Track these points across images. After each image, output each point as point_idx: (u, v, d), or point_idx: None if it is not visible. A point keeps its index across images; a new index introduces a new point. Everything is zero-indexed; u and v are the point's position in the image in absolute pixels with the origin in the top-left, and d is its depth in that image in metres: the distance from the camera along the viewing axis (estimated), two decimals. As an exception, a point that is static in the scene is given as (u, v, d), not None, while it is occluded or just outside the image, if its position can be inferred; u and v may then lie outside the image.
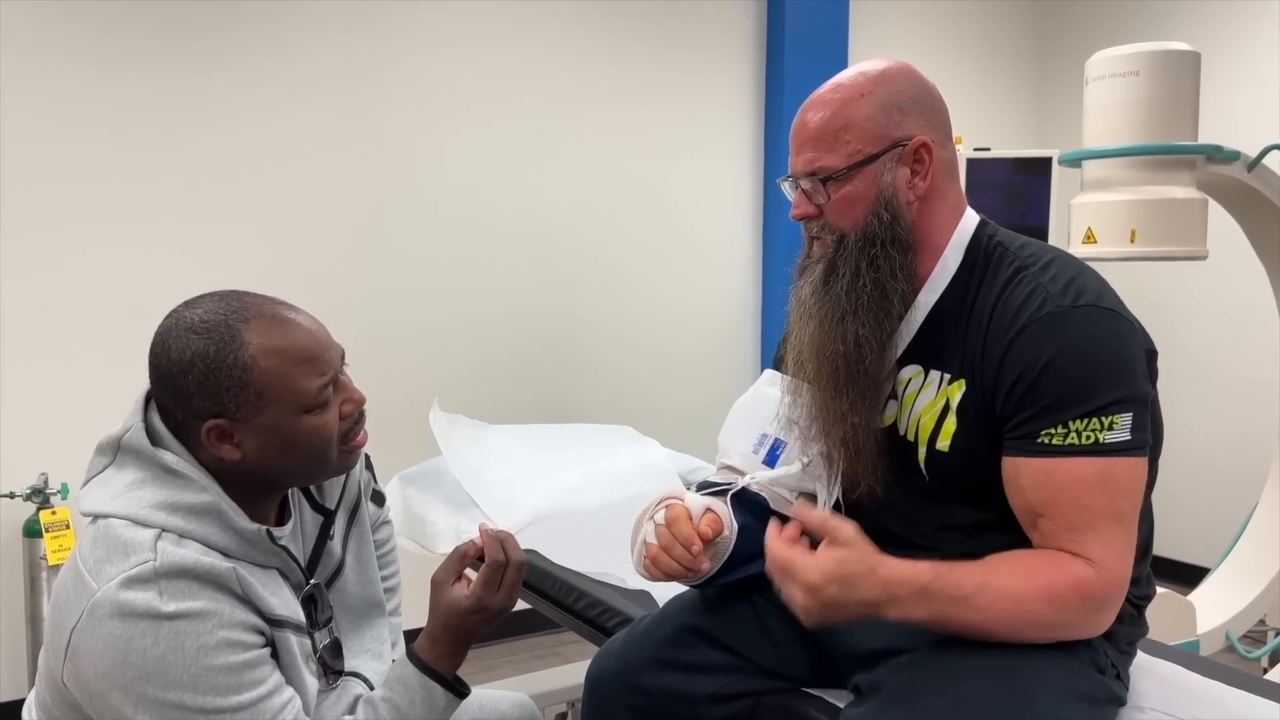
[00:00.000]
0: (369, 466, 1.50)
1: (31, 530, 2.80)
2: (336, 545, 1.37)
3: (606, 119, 3.75)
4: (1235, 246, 3.27)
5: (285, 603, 1.22)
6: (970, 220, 1.37)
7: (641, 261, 3.87)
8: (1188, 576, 3.85)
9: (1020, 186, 3.68)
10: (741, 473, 1.46)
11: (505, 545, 1.29)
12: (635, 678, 1.45)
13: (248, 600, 1.16)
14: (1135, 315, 1.28)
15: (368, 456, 1.47)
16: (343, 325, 1.47)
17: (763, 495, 1.44)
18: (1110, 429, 1.20)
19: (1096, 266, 1.34)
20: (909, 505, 1.36)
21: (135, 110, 2.99)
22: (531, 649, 3.55)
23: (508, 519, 2.11)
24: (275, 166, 3.20)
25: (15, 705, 2.86)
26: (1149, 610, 1.40)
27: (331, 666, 1.32)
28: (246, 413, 1.18)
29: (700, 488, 1.48)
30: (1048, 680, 1.19)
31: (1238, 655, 3.15)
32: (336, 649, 1.34)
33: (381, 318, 3.38)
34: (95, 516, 1.17)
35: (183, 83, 3.05)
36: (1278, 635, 3.36)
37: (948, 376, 1.31)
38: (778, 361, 1.53)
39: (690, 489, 1.50)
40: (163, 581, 1.10)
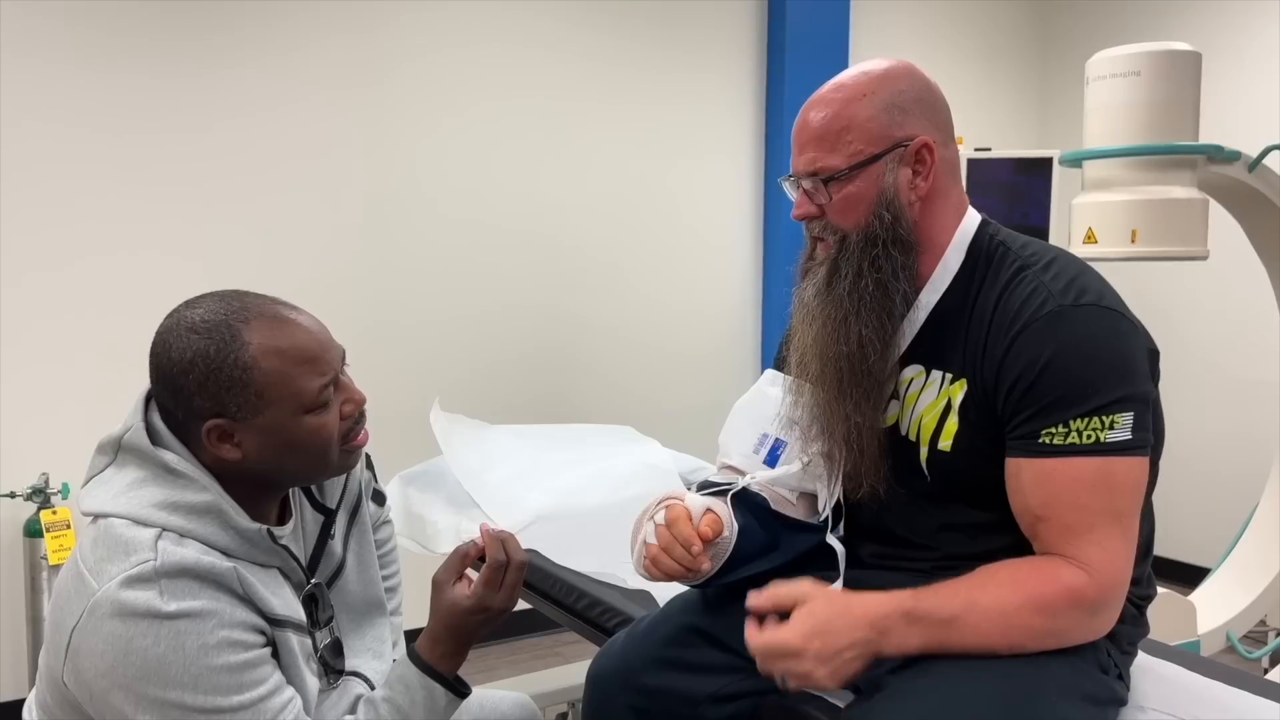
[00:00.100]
0: (370, 466, 1.49)
1: (32, 530, 2.80)
2: (337, 545, 1.37)
3: (607, 119, 3.75)
4: (1236, 247, 3.27)
5: (286, 602, 1.22)
6: (972, 220, 1.37)
7: (642, 261, 3.87)
8: (1188, 577, 3.85)
9: (1021, 187, 3.68)
10: (742, 473, 1.45)
11: (506, 545, 1.29)
12: (636, 677, 1.45)
13: (248, 600, 1.16)
14: (1136, 315, 1.28)
15: (368, 456, 1.47)
16: (343, 325, 1.47)
17: (763, 495, 1.44)
18: (1111, 428, 1.20)
19: (1097, 267, 1.34)
20: (910, 505, 1.36)
21: (136, 111, 2.99)
22: (531, 649, 3.55)
23: (508, 519, 2.11)
24: (276, 167, 3.20)
25: (16, 705, 2.86)
26: (1150, 610, 1.40)
27: (332, 666, 1.32)
28: (247, 413, 1.18)
29: (701, 488, 1.48)
30: (1051, 680, 1.19)
31: (1238, 655, 3.15)
32: (337, 648, 1.34)
33: (382, 317, 3.38)
34: (96, 516, 1.17)
35: (183, 83, 3.05)
36: (1278, 635, 3.35)
37: (949, 376, 1.31)
38: (779, 362, 1.52)
39: (691, 489, 1.50)
40: (163, 581, 1.10)
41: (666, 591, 1.62)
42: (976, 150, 3.61)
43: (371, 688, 1.34)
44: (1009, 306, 1.27)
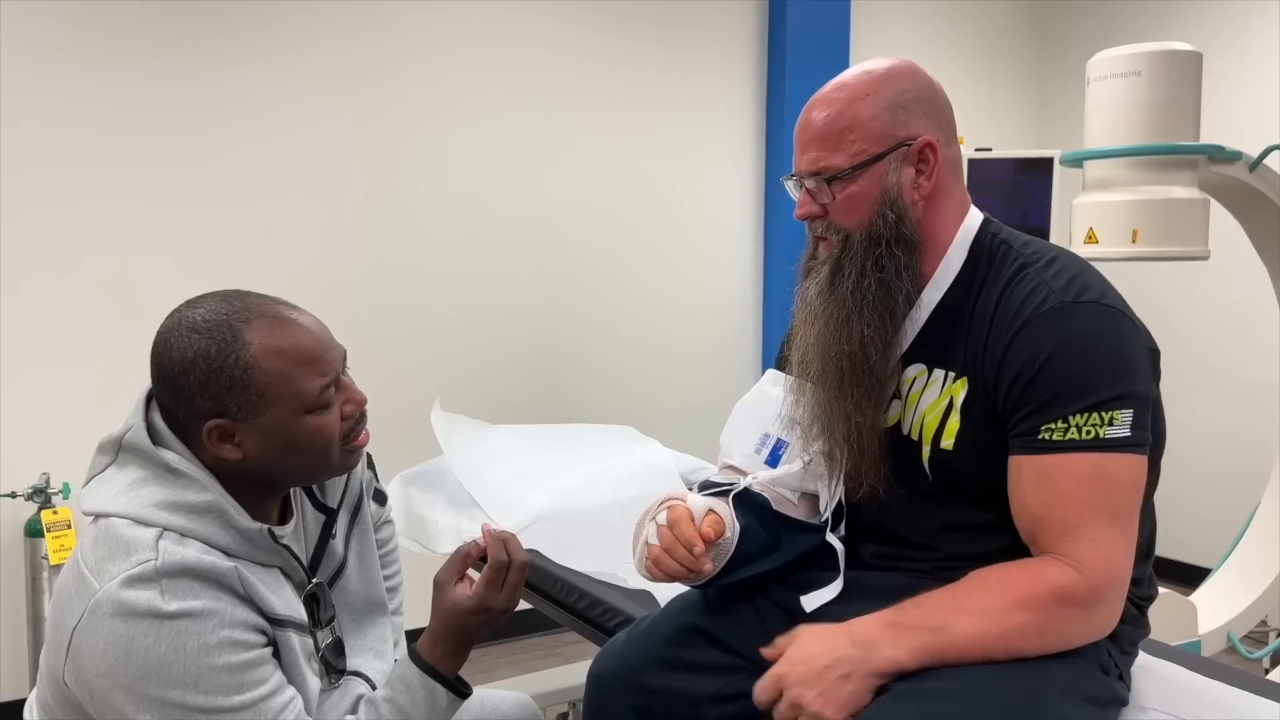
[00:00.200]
0: (371, 465, 1.49)
1: (33, 530, 2.80)
2: (339, 544, 1.37)
3: (608, 119, 3.75)
4: (1237, 247, 3.27)
5: (287, 602, 1.22)
6: (974, 219, 1.37)
7: (643, 261, 3.87)
8: (1189, 577, 3.85)
9: (1022, 187, 3.68)
10: (744, 473, 1.45)
11: (508, 545, 1.29)
12: (637, 677, 1.44)
13: (249, 599, 1.15)
14: (1138, 315, 1.28)
15: (370, 456, 1.47)
16: (344, 325, 1.47)
17: (765, 496, 1.44)
18: (1110, 424, 1.19)
19: (1098, 267, 1.34)
20: (911, 505, 1.36)
21: (136, 112, 2.99)
22: (532, 649, 3.55)
23: (509, 519, 2.11)
24: (277, 167, 3.20)
25: (17, 705, 2.86)
26: (1151, 611, 1.39)
27: (334, 665, 1.32)
28: (248, 413, 1.18)
29: (702, 488, 1.48)
30: (1052, 681, 1.19)
31: (1239, 656, 3.15)
32: (339, 648, 1.34)
33: (383, 317, 3.38)
34: (97, 516, 1.16)
35: (183, 84, 3.05)
36: (1279, 636, 3.35)
37: (952, 375, 1.31)
38: (781, 361, 1.52)
39: (692, 489, 1.50)
40: (164, 581, 1.10)
41: (667, 591, 1.62)
42: (977, 150, 3.61)
43: (373, 687, 1.34)
44: (1010, 304, 1.27)
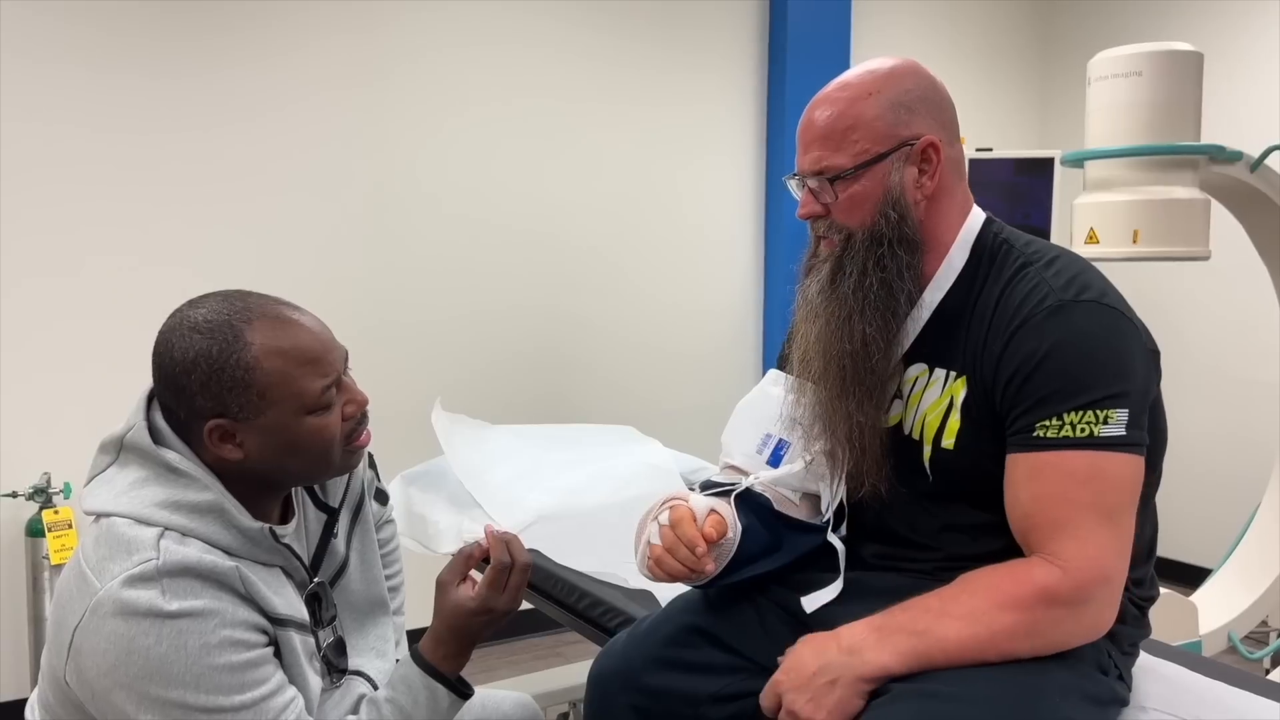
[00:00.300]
0: (372, 465, 1.49)
1: (34, 530, 2.80)
2: (340, 543, 1.37)
3: (608, 119, 3.75)
4: (1238, 247, 3.26)
5: (288, 601, 1.22)
6: (976, 218, 1.37)
7: (644, 261, 3.87)
8: (1190, 577, 3.85)
9: (1022, 187, 3.69)
10: (745, 473, 1.45)
11: (510, 547, 1.29)
12: (638, 677, 1.44)
13: (250, 599, 1.15)
14: (1138, 315, 1.28)
15: (371, 455, 1.47)
16: (345, 325, 1.47)
17: (766, 496, 1.44)
18: (1105, 423, 1.19)
19: (1099, 267, 1.34)
20: (913, 505, 1.36)
21: (136, 112, 2.99)
22: (532, 649, 3.55)
23: (510, 519, 2.11)
24: (278, 167, 3.20)
25: (18, 705, 2.86)
26: (1151, 611, 1.39)
27: (335, 665, 1.32)
28: (249, 413, 1.18)
29: (704, 487, 1.48)
30: (1052, 681, 1.19)
31: (1240, 656, 3.15)
32: (340, 647, 1.34)
33: (384, 317, 3.38)
34: (98, 515, 1.17)
35: (183, 84, 3.05)
36: (1279, 636, 3.36)
37: (953, 374, 1.31)
38: (783, 361, 1.52)
39: (693, 489, 1.50)
40: (165, 580, 1.10)
41: (668, 591, 1.62)
42: (978, 151, 3.61)
43: (374, 687, 1.34)
44: (1010, 303, 1.27)
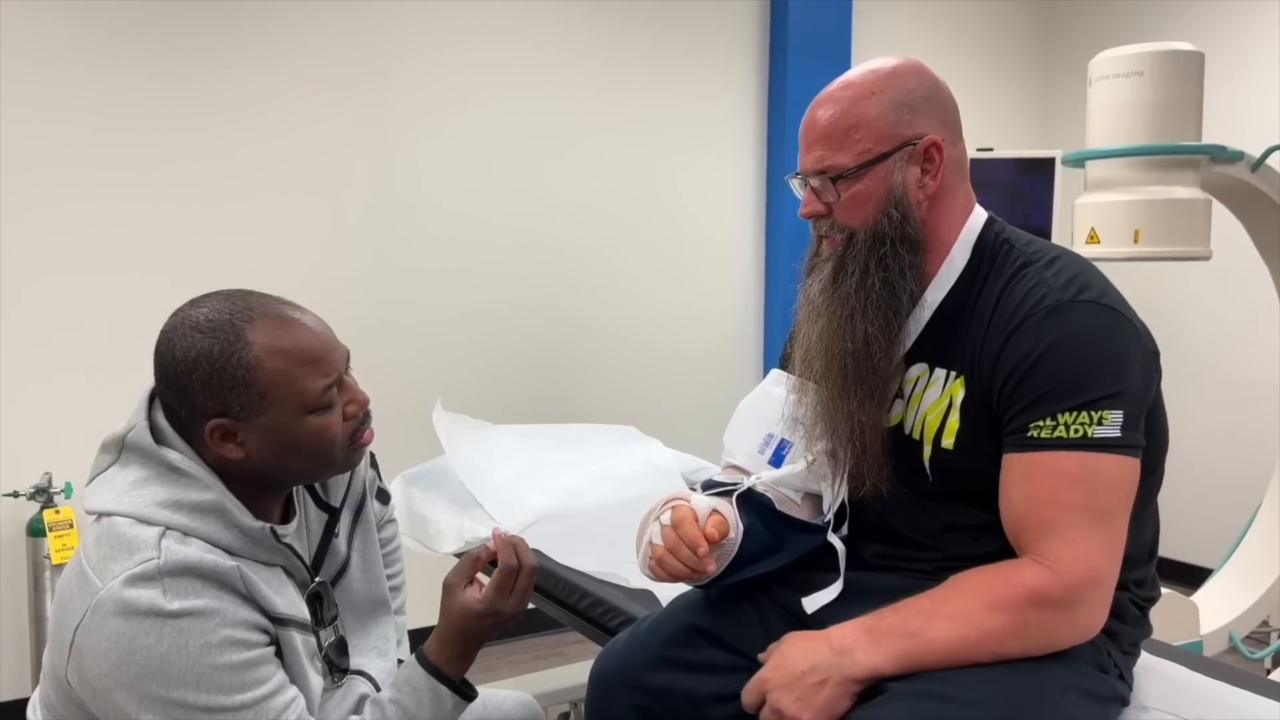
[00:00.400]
0: (374, 465, 1.49)
1: (35, 529, 2.80)
2: (341, 543, 1.37)
3: (608, 119, 3.75)
4: (1239, 247, 3.26)
5: (290, 601, 1.22)
6: (978, 218, 1.37)
7: (645, 261, 3.87)
8: (1191, 577, 3.85)
9: (1024, 187, 3.69)
10: (747, 472, 1.45)
11: (518, 550, 1.30)
12: (639, 677, 1.44)
13: (251, 599, 1.15)
14: (1139, 316, 1.28)
15: (373, 455, 1.47)
16: (346, 325, 1.47)
17: (768, 495, 1.44)
18: (1100, 424, 1.19)
19: (1100, 267, 1.34)
20: (914, 506, 1.36)
21: (136, 112, 2.99)
22: (533, 649, 3.55)
23: (511, 519, 2.11)
24: (278, 167, 3.20)
25: (20, 704, 2.86)
26: (1153, 611, 1.39)
27: (337, 665, 1.32)
28: (250, 413, 1.18)
29: (705, 487, 1.48)
30: (1052, 679, 1.19)
31: (1241, 656, 3.15)
32: (342, 647, 1.34)
33: (385, 317, 3.38)
34: (99, 514, 1.17)
35: (183, 84, 3.05)
36: (1281, 636, 3.35)
37: (953, 374, 1.31)
38: (785, 361, 1.52)
39: (694, 489, 1.50)
40: (166, 580, 1.10)
41: (669, 591, 1.62)
42: (979, 150, 3.61)
43: (376, 686, 1.34)
44: (1009, 302, 1.27)
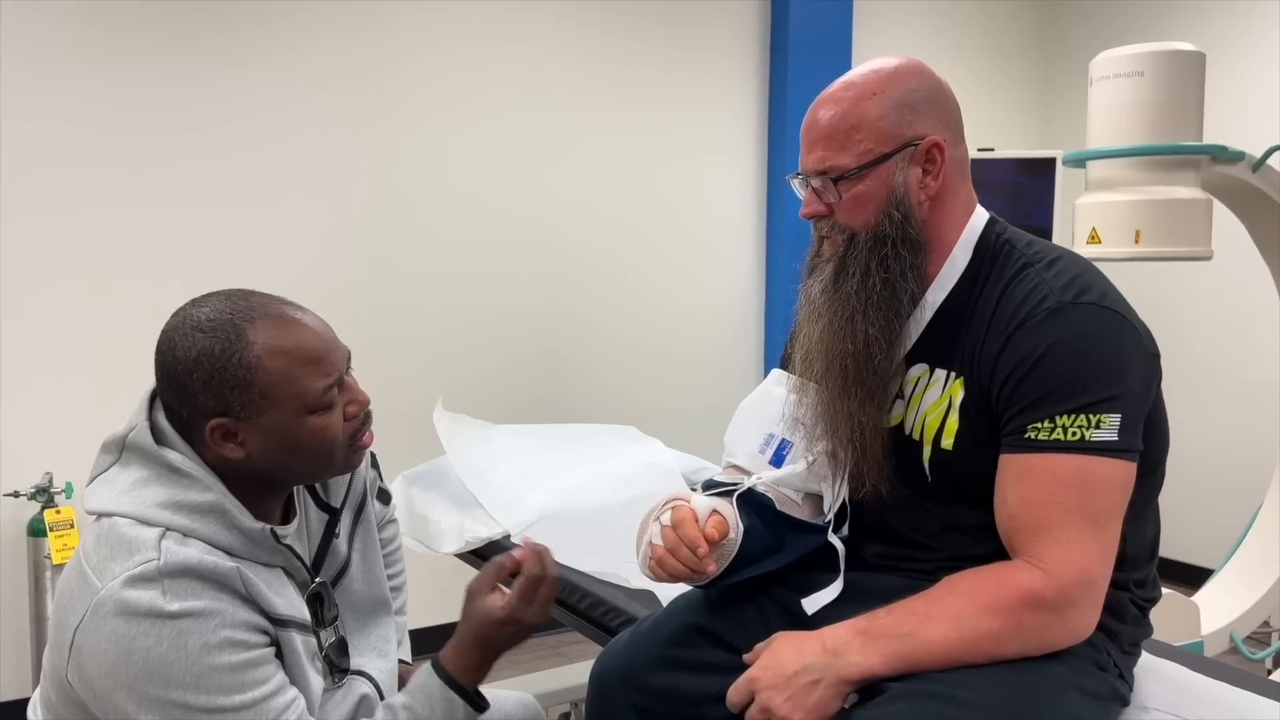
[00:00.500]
0: (375, 465, 1.50)
1: (36, 529, 2.81)
2: (342, 543, 1.37)
3: (610, 119, 3.75)
4: (1240, 247, 3.26)
5: (290, 602, 1.22)
6: (980, 218, 1.36)
7: (645, 261, 3.87)
8: (1192, 578, 3.85)
9: (1024, 187, 3.69)
10: (748, 472, 1.45)
11: (543, 559, 1.29)
12: (640, 677, 1.44)
13: (251, 600, 1.15)
14: (1140, 317, 1.27)
15: (373, 455, 1.47)
16: (346, 325, 1.47)
17: (769, 496, 1.44)
18: (1098, 427, 1.19)
19: (1101, 267, 1.34)
20: (914, 506, 1.36)
21: (136, 112, 2.99)
22: (533, 649, 3.54)
23: (511, 519, 2.11)
24: (278, 167, 3.21)
25: (20, 704, 2.86)
26: (1153, 611, 1.39)
27: (337, 665, 1.32)
28: (251, 413, 1.18)
29: (706, 487, 1.47)
30: (1051, 678, 1.19)
31: (1242, 656, 3.15)
32: (342, 647, 1.33)
33: (385, 317, 3.38)
34: (100, 515, 1.17)
35: (183, 84, 3.05)
36: (1282, 637, 3.35)
37: (952, 374, 1.31)
38: (785, 361, 1.52)
39: (695, 489, 1.50)
40: (166, 581, 1.10)
41: (670, 591, 1.62)
42: (980, 151, 3.61)
43: (376, 687, 1.34)
44: (1009, 304, 1.27)
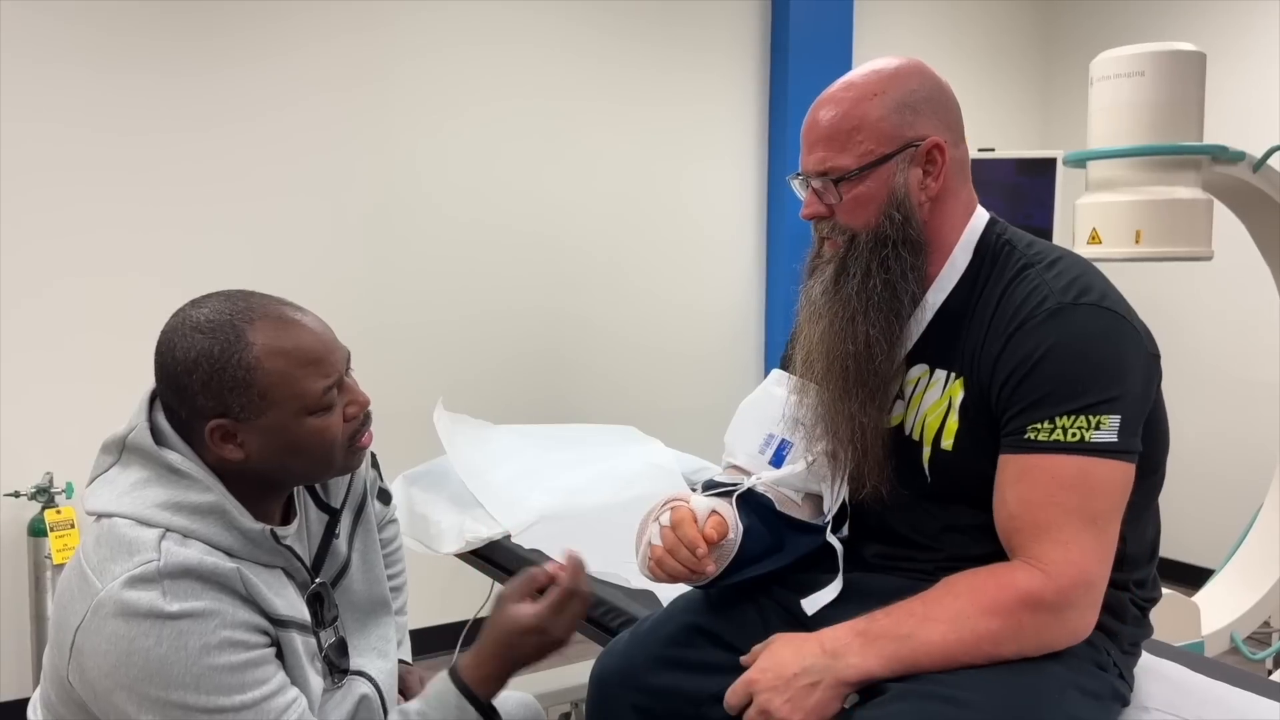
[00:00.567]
0: (375, 465, 1.49)
1: (36, 529, 2.81)
2: (342, 544, 1.37)
3: (610, 119, 3.75)
4: (1240, 247, 3.26)
5: (290, 603, 1.22)
6: (980, 219, 1.36)
7: (645, 261, 3.87)
8: (1192, 578, 3.84)
9: (1025, 187, 3.69)
10: (748, 473, 1.45)
11: (580, 575, 1.29)
12: (640, 677, 1.44)
13: (251, 601, 1.15)
14: (1140, 318, 1.27)
15: (374, 455, 1.47)
16: (346, 325, 1.47)
17: (769, 496, 1.44)
18: (1097, 428, 1.19)
19: (1101, 267, 1.34)
20: (914, 506, 1.36)
21: (137, 112, 2.99)
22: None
23: (512, 519, 2.12)
24: (280, 168, 3.21)
25: (20, 704, 2.86)
26: (1154, 611, 1.39)
27: (337, 665, 1.32)
28: (250, 413, 1.17)
29: (706, 487, 1.48)
30: (1051, 678, 1.19)
31: (1242, 657, 3.15)
32: (342, 648, 1.33)
33: (385, 317, 3.38)
34: (100, 515, 1.17)
35: (184, 84, 3.05)
36: (1282, 637, 3.35)
37: (953, 375, 1.31)
38: (786, 361, 1.52)
39: (695, 489, 1.50)
40: (166, 582, 1.10)
41: (670, 591, 1.62)
42: (980, 151, 3.61)
43: (376, 687, 1.34)
44: (1009, 304, 1.27)
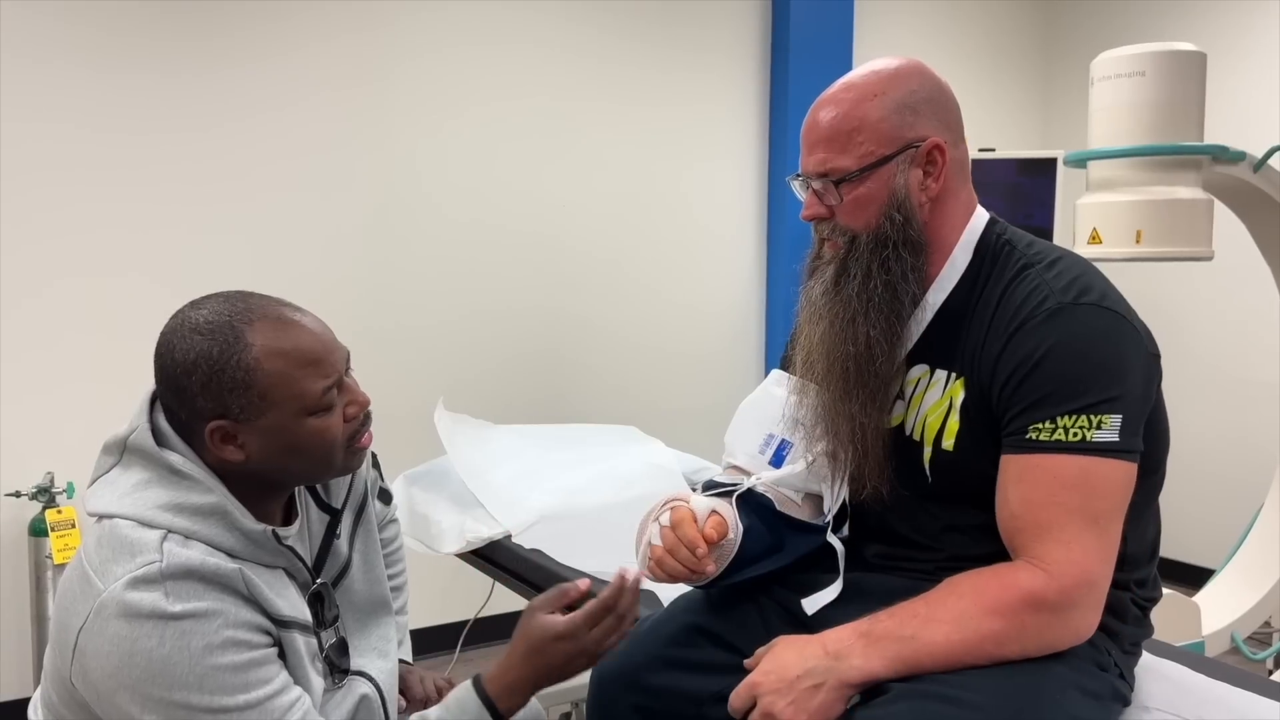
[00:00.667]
0: (376, 465, 1.50)
1: (37, 529, 2.81)
2: (343, 544, 1.37)
3: (610, 119, 3.75)
4: (1240, 247, 3.26)
5: (291, 603, 1.22)
6: (980, 219, 1.36)
7: (646, 261, 3.87)
8: (1193, 578, 3.84)
9: (1025, 187, 3.69)
10: (748, 473, 1.45)
11: (628, 595, 1.28)
12: (640, 677, 1.44)
13: (254, 601, 1.16)
14: (1141, 318, 1.27)
15: (375, 455, 1.47)
16: (346, 325, 1.47)
17: (769, 496, 1.44)
18: (1099, 428, 1.19)
19: (1102, 267, 1.34)
20: (915, 506, 1.36)
21: (137, 112, 2.99)
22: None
23: (512, 519, 2.12)
24: (278, 167, 3.21)
25: (20, 704, 2.86)
26: (1154, 611, 1.39)
27: (338, 665, 1.32)
28: (250, 414, 1.18)
29: (706, 488, 1.48)
30: (1052, 678, 1.19)
31: (1243, 656, 3.15)
32: (343, 648, 1.34)
33: (386, 318, 3.38)
34: (101, 516, 1.17)
35: (184, 84, 3.05)
36: (1283, 637, 3.35)
37: (953, 375, 1.31)
38: (786, 362, 1.52)
39: (695, 489, 1.50)
40: (169, 583, 1.10)
41: (670, 592, 1.62)
42: (980, 151, 3.61)
43: (377, 687, 1.34)
44: (1010, 304, 1.27)
